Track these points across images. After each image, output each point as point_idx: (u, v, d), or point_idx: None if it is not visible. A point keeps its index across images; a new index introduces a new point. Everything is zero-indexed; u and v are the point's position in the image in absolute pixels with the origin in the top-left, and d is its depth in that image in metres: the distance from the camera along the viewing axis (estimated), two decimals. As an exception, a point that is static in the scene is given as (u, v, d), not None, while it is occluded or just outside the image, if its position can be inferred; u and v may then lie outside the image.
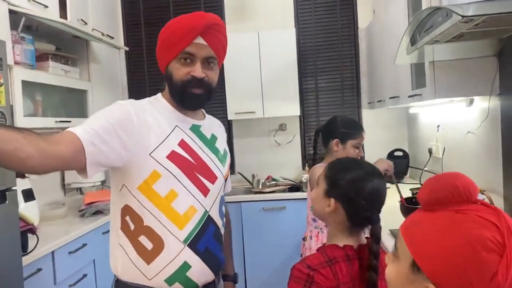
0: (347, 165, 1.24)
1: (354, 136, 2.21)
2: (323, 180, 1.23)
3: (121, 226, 1.33)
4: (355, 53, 4.03)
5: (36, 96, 2.76)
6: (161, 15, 4.12)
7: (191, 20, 1.33)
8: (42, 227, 2.61)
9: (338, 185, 1.19)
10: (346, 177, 1.19)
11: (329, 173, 1.23)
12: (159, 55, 1.40)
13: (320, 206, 1.22)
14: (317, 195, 1.24)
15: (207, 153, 1.41)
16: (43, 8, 2.69)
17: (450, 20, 1.54)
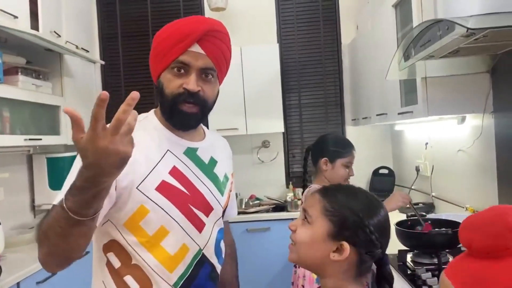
0: (356, 197, 1.02)
1: (343, 155, 2.12)
2: (323, 218, 0.98)
3: (106, 262, 1.15)
4: (339, 69, 3.96)
5: (4, 112, 2.57)
6: (139, 28, 3.98)
7: (188, 24, 1.14)
8: (7, 254, 2.40)
9: (352, 225, 0.96)
10: (363, 215, 0.96)
11: (333, 209, 0.98)
12: (151, 62, 1.21)
13: (319, 252, 0.97)
14: (312, 237, 0.98)
15: (203, 181, 1.22)
16: (12, 18, 2.52)
17: (452, 33, 1.46)
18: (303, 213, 1.03)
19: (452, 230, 1.78)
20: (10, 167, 3.02)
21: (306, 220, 1.01)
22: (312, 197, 1.04)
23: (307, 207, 1.03)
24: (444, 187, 2.80)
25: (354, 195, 1.03)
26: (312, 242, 0.98)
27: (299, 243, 1.00)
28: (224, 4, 3.64)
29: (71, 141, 2.93)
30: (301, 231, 1.01)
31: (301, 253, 1.01)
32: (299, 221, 1.03)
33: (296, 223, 1.04)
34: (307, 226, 1.00)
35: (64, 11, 3.23)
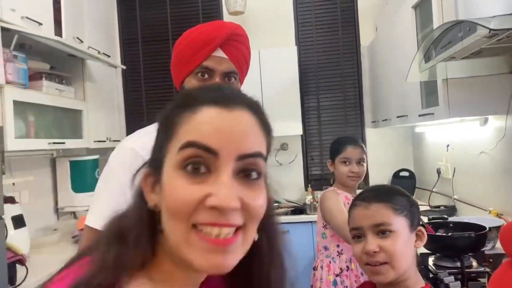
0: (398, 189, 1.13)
1: (338, 152, 2.07)
2: (399, 218, 1.03)
3: None
4: (358, 71, 3.94)
5: (29, 116, 2.63)
6: (159, 32, 4.04)
7: (209, 30, 1.15)
8: (32, 256, 2.45)
9: (416, 210, 1.08)
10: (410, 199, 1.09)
11: (399, 205, 1.05)
12: (174, 69, 1.21)
13: (411, 250, 1.04)
14: (403, 241, 1.02)
15: None
16: (37, 25, 2.58)
17: (474, 34, 1.44)
18: (375, 229, 1.03)
19: (475, 233, 1.75)
20: (34, 170, 3.09)
21: (386, 233, 1.02)
22: (371, 209, 1.05)
23: (380, 220, 1.02)
24: (466, 190, 2.76)
25: (395, 188, 1.13)
26: (406, 246, 1.02)
27: (394, 257, 1.00)
28: (243, 8, 3.66)
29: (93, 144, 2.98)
30: (389, 245, 1.00)
31: (399, 265, 1.00)
32: (375, 239, 1.02)
33: (376, 243, 1.02)
34: (392, 236, 1.01)
35: (86, 17, 3.29)
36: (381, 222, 1.01)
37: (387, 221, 1.01)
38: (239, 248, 0.58)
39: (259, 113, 0.62)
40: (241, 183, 0.57)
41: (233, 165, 0.57)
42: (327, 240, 2.04)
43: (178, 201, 0.55)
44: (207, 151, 0.56)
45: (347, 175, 2.02)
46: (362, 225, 1.05)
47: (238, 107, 0.59)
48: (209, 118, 0.57)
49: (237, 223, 0.56)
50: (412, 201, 1.09)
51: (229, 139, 0.57)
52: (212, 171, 0.56)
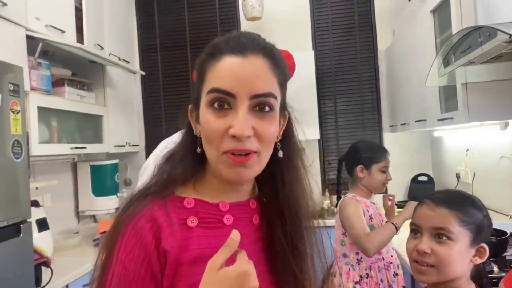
0: (474, 200, 1.09)
1: (378, 160, 2.10)
2: (463, 230, 1.02)
3: None
4: (375, 75, 3.93)
5: (52, 122, 2.70)
6: (177, 39, 4.08)
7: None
8: (55, 258, 2.51)
9: (486, 227, 1.04)
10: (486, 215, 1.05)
11: (469, 218, 1.03)
12: None
13: (465, 263, 1.02)
14: (459, 252, 1.01)
15: None
16: (60, 33, 2.65)
17: (494, 40, 1.44)
18: (433, 231, 1.03)
19: (496, 239, 1.74)
20: (56, 174, 3.16)
21: (445, 238, 1.02)
22: (436, 212, 1.04)
23: (442, 224, 1.02)
24: (486, 195, 2.72)
25: (470, 198, 1.09)
26: (460, 257, 1.01)
27: (443, 263, 1.00)
28: (260, 14, 3.69)
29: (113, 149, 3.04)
30: (442, 250, 1.01)
31: (446, 272, 1.00)
32: (430, 241, 1.03)
33: (429, 245, 1.03)
34: (449, 243, 1.01)
35: (107, 24, 3.36)
36: (441, 227, 1.01)
37: (448, 227, 1.01)
38: (255, 164, 0.76)
39: (271, 57, 0.76)
40: (256, 115, 0.74)
41: (247, 103, 0.73)
42: (346, 247, 2.04)
43: (210, 130, 0.74)
44: (226, 94, 0.72)
45: (383, 183, 2.07)
46: (422, 224, 1.05)
47: (252, 54, 0.74)
48: (228, 66, 0.73)
49: (252, 149, 0.73)
50: (485, 217, 1.06)
51: (243, 83, 0.72)
52: (233, 108, 0.73)
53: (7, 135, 1.78)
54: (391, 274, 1.98)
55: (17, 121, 1.83)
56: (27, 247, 1.87)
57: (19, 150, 1.84)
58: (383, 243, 1.90)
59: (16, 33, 2.29)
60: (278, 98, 0.77)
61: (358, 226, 1.90)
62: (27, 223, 1.87)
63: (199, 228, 0.77)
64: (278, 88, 0.78)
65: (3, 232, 1.74)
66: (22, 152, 1.85)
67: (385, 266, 1.98)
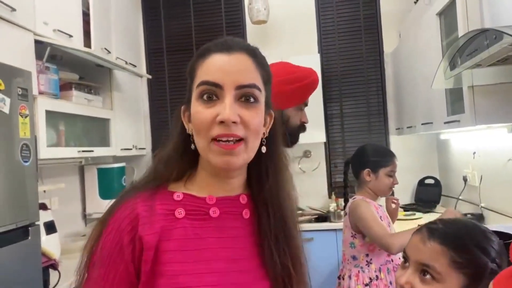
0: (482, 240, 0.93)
1: (385, 164, 2.10)
2: (455, 272, 0.88)
3: None
4: (381, 78, 3.93)
5: (60, 125, 2.72)
6: (183, 42, 4.11)
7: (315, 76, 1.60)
8: (63, 261, 2.52)
9: (490, 272, 0.87)
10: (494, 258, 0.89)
11: (465, 260, 0.88)
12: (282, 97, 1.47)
13: None
14: None
15: None
16: (67, 37, 2.68)
17: (500, 43, 1.43)
18: (420, 267, 0.91)
19: (504, 242, 1.73)
20: (64, 177, 3.18)
21: (429, 276, 0.89)
22: (426, 247, 0.92)
23: (428, 261, 0.90)
24: (494, 198, 2.72)
25: (478, 238, 0.93)
26: None
27: None
28: (266, 17, 3.70)
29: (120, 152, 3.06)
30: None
31: None
32: (414, 277, 0.92)
33: (410, 280, 0.92)
34: (433, 284, 0.89)
35: (113, 29, 3.39)
36: (427, 263, 0.90)
37: (434, 266, 0.89)
38: (242, 153, 0.80)
39: (253, 55, 0.83)
40: (242, 105, 0.80)
41: (233, 93, 0.79)
42: (355, 249, 2.03)
43: (199, 120, 0.79)
44: (214, 85, 0.79)
45: (390, 187, 2.07)
46: (410, 256, 0.95)
47: (237, 52, 0.81)
48: (215, 61, 0.81)
49: (239, 134, 0.78)
50: (491, 261, 0.89)
51: (229, 74, 0.79)
52: (220, 98, 0.79)
53: (16, 139, 1.80)
54: (399, 277, 1.97)
55: (25, 125, 1.85)
56: (35, 250, 1.89)
57: (28, 153, 1.85)
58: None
59: (24, 37, 2.31)
60: (263, 92, 0.83)
61: (376, 224, 1.89)
62: (35, 226, 1.89)
63: (186, 219, 0.83)
64: (262, 83, 0.83)
65: (11, 235, 1.75)
66: (31, 155, 1.87)
67: (394, 268, 1.97)
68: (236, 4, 4.08)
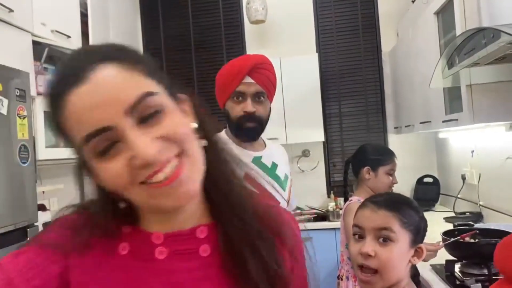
0: (411, 203, 1.12)
1: (385, 162, 2.10)
2: (404, 231, 1.04)
3: None
4: (379, 77, 3.94)
5: (58, 126, 2.72)
6: (181, 43, 4.11)
7: (239, 63, 1.54)
8: (62, 262, 2.52)
9: (423, 228, 1.08)
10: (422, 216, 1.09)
11: (408, 219, 1.06)
12: (217, 95, 1.59)
13: (404, 264, 1.04)
14: (399, 254, 1.03)
15: (269, 182, 1.52)
16: (66, 38, 2.68)
17: (498, 41, 1.44)
18: (377, 233, 1.03)
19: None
20: (62, 178, 3.17)
21: (384, 239, 1.03)
22: (379, 214, 1.05)
23: (386, 224, 1.03)
24: (492, 196, 2.72)
25: (409, 201, 1.13)
26: (400, 259, 1.02)
27: (386, 266, 1.00)
28: (264, 17, 3.70)
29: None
30: (385, 253, 1.01)
31: (389, 276, 1.00)
32: (373, 244, 1.03)
33: (373, 247, 1.03)
34: (391, 245, 1.02)
35: (112, 29, 3.39)
36: (385, 226, 1.02)
37: (391, 227, 1.03)
38: (191, 169, 0.60)
39: (116, 58, 0.59)
40: (150, 125, 0.58)
41: (130, 121, 0.56)
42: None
43: (113, 181, 0.58)
44: (102, 131, 0.55)
45: (389, 186, 2.07)
46: (365, 226, 1.06)
47: (94, 71, 0.56)
48: (79, 106, 0.56)
49: (172, 155, 0.58)
50: (422, 217, 1.10)
51: (108, 106, 0.55)
52: (121, 139, 0.56)
53: (14, 140, 1.80)
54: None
55: (23, 126, 1.85)
56: (34, 251, 1.88)
57: (26, 154, 1.85)
58: None
59: (22, 38, 2.31)
60: (160, 91, 0.61)
61: None
62: (34, 227, 1.88)
63: (129, 258, 0.65)
64: (151, 80, 0.60)
65: (10, 236, 1.75)
66: (29, 156, 1.87)
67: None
68: (234, 4, 4.08)
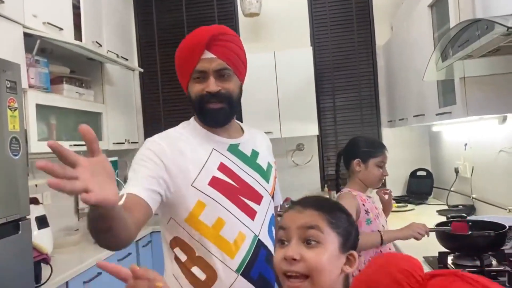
0: (341, 206, 1.03)
1: (375, 154, 2.09)
2: (332, 232, 0.93)
3: (174, 257, 1.30)
4: (373, 71, 3.93)
5: (51, 119, 2.70)
6: (175, 36, 4.08)
7: (193, 37, 1.29)
8: (55, 255, 2.51)
9: (355, 233, 0.98)
10: (352, 221, 1.00)
11: (336, 220, 0.95)
12: (179, 79, 1.36)
13: (336, 270, 0.92)
14: (329, 257, 0.91)
15: (248, 173, 1.33)
16: (58, 30, 2.65)
17: (492, 33, 1.43)
18: (303, 233, 0.92)
19: (495, 232, 1.75)
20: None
21: (312, 241, 0.91)
22: (305, 213, 0.95)
23: (312, 222, 0.92)
24: (485, 189, 2.74)
25: (339, 205, 1.02)
26: (330, 263, 0.90)
27: (316, 270, 0.89)
28: (258, 10, 3.69)
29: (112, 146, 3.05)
30: (313, 256, 0.90)
31: (321, 281, 0.89)
32: (298, 247, 0.92)
33: (299, 250, 0.91)
34: (318, 247, 0.91)
35: (105, 22, 3.36)
36: (312, 225, 0.92)
37: (319, 226, 0.92)
38: None
39: None
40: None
41: None
42: None
43: None
44: None
45: (379, 178, 2.07)
46: (290, 225, 0.94)
47: None
48: None
49: None
50: (351, 222, 1.00)
51: None
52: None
53: (5, 132, 1.78)
54: (389, 268, 1.98)
55: (14, 118, 1.83)
56: (26, 244, 1.87)
57: (17, 147, 1.84)
58: (360, 246, 1.90)
59: (13, 30, 2.28)
60: None
61: None
62: (26, 220, 1.87)
63: None
64: None
65: (2, 229, 1.74)
66: (20, 149, 1.85)
67: (384, 260, 1.98)
68: (228, -4, 4.06)
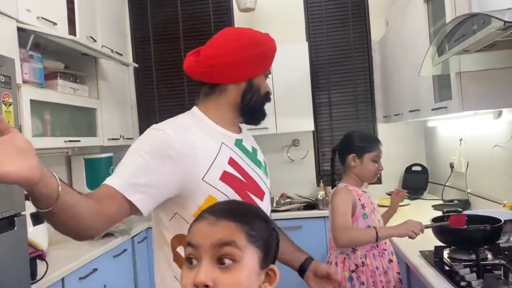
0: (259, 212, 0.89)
1: (370, 149, 2.09)
2: (250, 246, 0.79)
3: (174, 258, 1.21)
4: (369, 66, 3.94)
5: (45, 115, 2.68)
6: (170, 31, 4.06)
7: (274, 43, 1.35)
8: (50, 252, 2.50)
9: (275, 244, 0.85)
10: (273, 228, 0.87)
11: (256, 232, 0.81)
12: (246, 62, 1.27)
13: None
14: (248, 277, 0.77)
15: (253, 168, 1.32)
16: (51, 25, 2.63)
17: (488, 27, 1.43)
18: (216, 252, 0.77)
19: (491, 226, 1.76)
20: (50, 168, 3.11)
21: (228, 261, 0.76)
22: (219, 226, 0.79)
23: (228, 237, 0.77)
24: (480, 184, 2.75)
25: (257, 211, 0.90)
26: (248, 284, 0.77)
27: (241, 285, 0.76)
28: (253, 5, 3.67)
29: (107, 142, 3.02)
30: (229, 280, 0.75)
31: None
32: (211, 268, 0.76)
33: (211, 274, 0.75)
34: (235, 267, 0.76)
35: (99, 16, 3.33)
36: (227, 241, 0.77)
37: (236, 241, 0.77)
38: None
39: None
40: None
41: None
42: None
43: None
44: None
45: (375, 173, 2.07)
46: (201, 242, 0.78)
47: None
48: None
49: None
50: (271, 230, 0.85)
51: None
52: None
53: (-1, 127, 1.76)
54: (385, 261, 1.99)
55: (9, 114, 1.81)
56: (21, 241, 1.86)
57: (12, 142, 1.82)
58: (356, 242, 1.92)
59: (7, 25, 2.26)
60: None
61: (341, 216, 1.91)
62: (21, 216, 1.86)
63: None
64: None
65: (-3, 225, 1.73)
66: (15, 144, 1.84)
67: (380, 253, 1.99)
68: (223, -9, 4.04)
